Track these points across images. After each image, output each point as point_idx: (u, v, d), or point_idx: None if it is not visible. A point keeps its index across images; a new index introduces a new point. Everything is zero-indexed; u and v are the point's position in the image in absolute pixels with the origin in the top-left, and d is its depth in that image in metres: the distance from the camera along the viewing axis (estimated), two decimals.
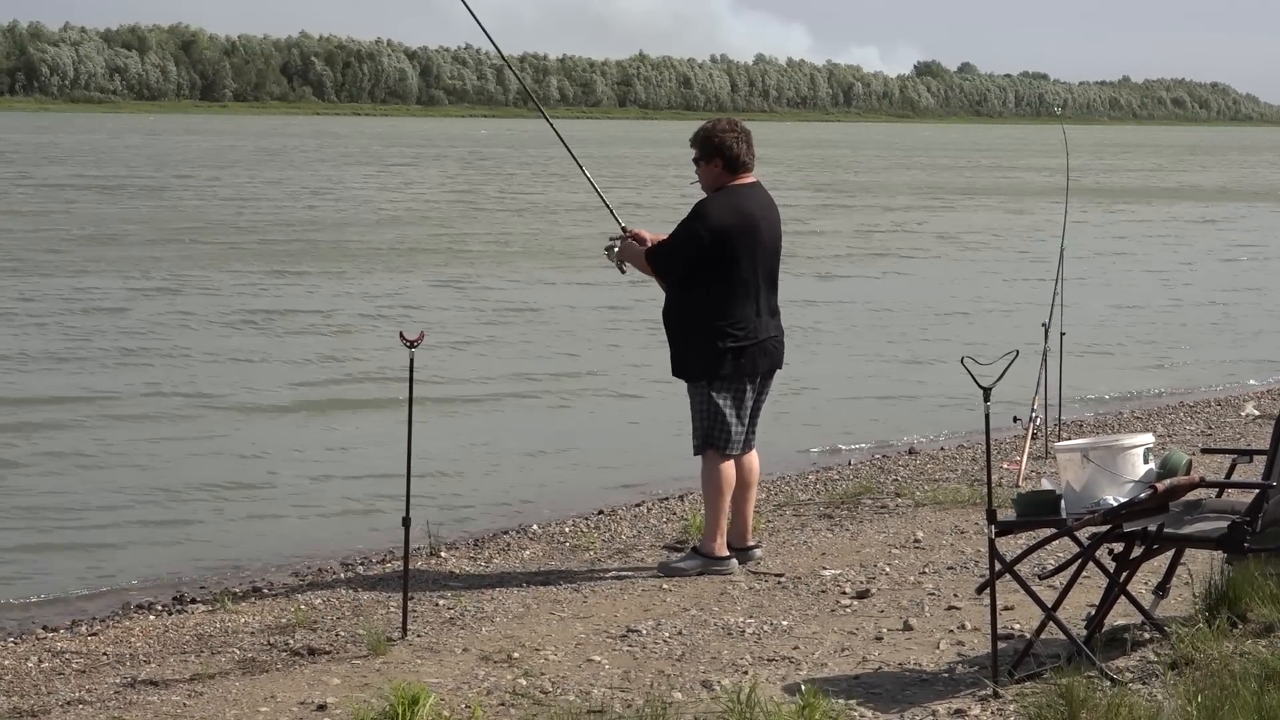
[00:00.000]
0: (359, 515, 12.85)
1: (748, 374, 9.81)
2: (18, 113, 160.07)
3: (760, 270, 9.80)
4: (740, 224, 9.72)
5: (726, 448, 9.80)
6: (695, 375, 9.81)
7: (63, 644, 9.09)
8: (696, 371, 9.80)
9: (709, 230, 9.69)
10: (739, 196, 9.82)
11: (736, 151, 9.82)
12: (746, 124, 10.15)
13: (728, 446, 9.80)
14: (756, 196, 9.90)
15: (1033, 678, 7.39)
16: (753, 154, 9.91)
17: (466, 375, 19.34)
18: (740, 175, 9.89)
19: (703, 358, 9.74)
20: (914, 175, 76.55)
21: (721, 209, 9.76)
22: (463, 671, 8.02)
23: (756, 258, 9.76)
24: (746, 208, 9.79)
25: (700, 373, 9.78)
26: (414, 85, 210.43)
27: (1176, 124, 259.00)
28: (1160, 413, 17.24)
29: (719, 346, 9.69)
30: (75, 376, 18.73)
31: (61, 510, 12.96)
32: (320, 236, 37.30)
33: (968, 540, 10.72)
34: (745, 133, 9.93)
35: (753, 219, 9.77)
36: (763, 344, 9.83)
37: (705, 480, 9.90)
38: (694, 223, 9.77)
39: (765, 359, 9.88)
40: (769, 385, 10.04)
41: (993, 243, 39.71)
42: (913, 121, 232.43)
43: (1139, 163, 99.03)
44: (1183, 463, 7.74)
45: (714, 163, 9.85)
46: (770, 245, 9.88)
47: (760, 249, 9.78)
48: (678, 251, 9.84)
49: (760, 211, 9.85)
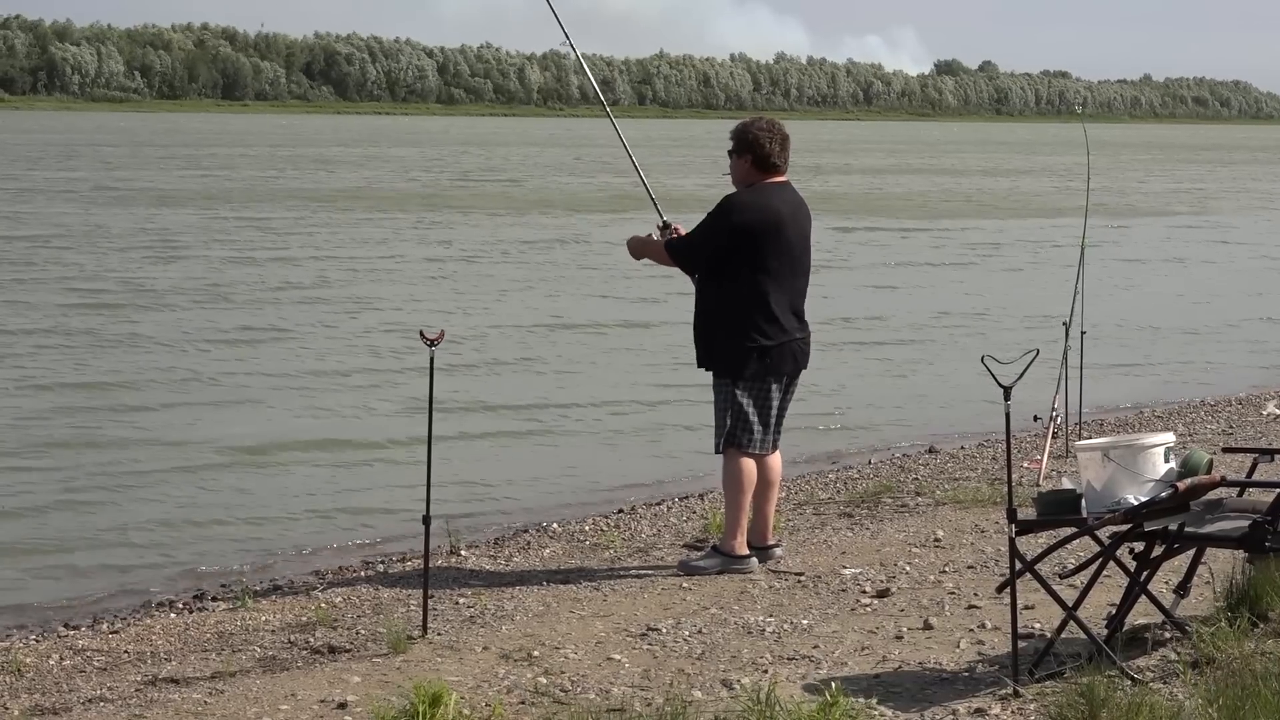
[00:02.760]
0: (379, 514, 12.86)
1: (773, 374, 9.78)
2: (40, 112, 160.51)
3: (786, 269, 9.77)
4: (764, 221, 9.69)
5: (749, 446, 9.79)
6: (721, 372, 9.82)
7: (84, 642, 9.11)
8: (722, 368, 9.81)
9: (731, 225, 9.69)
10: (764, 193, 9.80)
11: (768, 150, 9.79)
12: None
13: (750, 445, 9.79)
14: (783, 195, 9.86)
15: (1053, 677, 7.38)
16: (786, 156, 9.87)
17: (486, 373, 19.35)
18: (770, 174, 9.86)
19: (728, 355, 9.74)
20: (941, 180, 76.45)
21: (745, 205, 9.75)
22: (483, 670, 8.02)
23: (782, 256, 9.74)
24: (771, 205, 9.76)
25: (725, 370, 9.78)
26: (434, 84, 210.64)
27: (1198, 122, 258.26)
28: (1181, 412, 17.20)
29: (745, 345, 9.68)
30: (92, 370, 18.76)
31: (82, 508, 12.98)
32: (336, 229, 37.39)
33: (988, 539, 10.71)
34: (782, 135, 9.88)
35: (777, 216, 9.74)
36: (789, 344, 9.81)
37: (726, 478, 9.90)
38: (717, 217, 9.77)
39: (791, 360, 9.86)
40: (794, 387, 10.00)
41: (1015, 242, 39.64)
42: (933, 120, 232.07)
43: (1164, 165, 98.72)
44: (1204, 462, 7.72)
45: (745, 158, 9.85)
46: (797, 245, 9.83)
47: (786, 247, 9.75)
48: (698, 246, 9.85)
49: (786, 210, 9.81)
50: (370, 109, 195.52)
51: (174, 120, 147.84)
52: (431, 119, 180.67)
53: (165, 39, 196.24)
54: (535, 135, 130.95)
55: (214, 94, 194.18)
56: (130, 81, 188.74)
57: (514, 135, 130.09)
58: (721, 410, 9.80)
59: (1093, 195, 15.20)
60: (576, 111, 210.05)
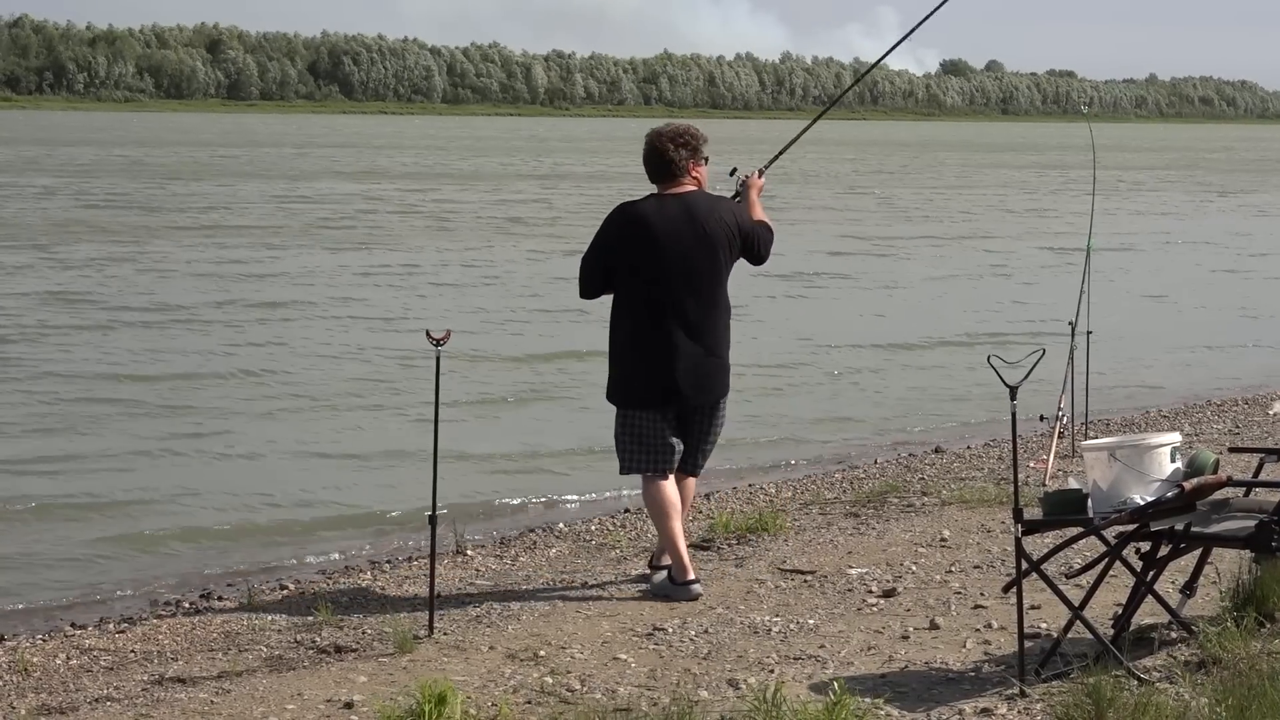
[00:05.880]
0: (385, 514, 12.87)
1: (656, 403, 9.31)
2: (47, 110, 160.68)
3: (675, 288, 9.23)
4: (638, 234, 9.25)
5: (645, 470, 9.42)
6: (608, 395, 9.51)
7: (91, 641, 9.12)
8: (609, 392, 9.51)
9: (602, 239, 9.37)
10: (644, 204, 9.39)
11: (653, 162, 9.41)
12: (771, 122, 10.05)
13: (646, 469, 9.41)
14: (672, 205, 9.30)
15: (1059, 677, 7.39)
16: (673, 162, 9.31)
17: (492, 372, 19.36)
18: (664, 183, 9.38)
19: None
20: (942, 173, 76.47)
21: (619, 217, 9.39)
22: (489, 669, 8.03)
23: (658, 274, 9.21)
24: (643, 215, 9.29)
25: (609, 393, 9.49)
26: (439, 84, 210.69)
27: (1204, 122, 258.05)
28: (1187, 411, 17.19)
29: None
30: (101, 373, 18.78)
31: (88, 508, 13.00)
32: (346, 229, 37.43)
33: (994, 539, 10.71)
34: (671, 139, 9.37)
35: (646, 227, 9.25)
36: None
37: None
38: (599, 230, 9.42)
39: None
40: (707, 416, 9.49)
41: (1025, 240, 39.65)
42: (939, 120, 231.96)
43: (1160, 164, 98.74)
44: (1210, 461, 7.72)
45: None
46: (679, 262, 9.21)
47: (660, 265, 9.21)
48: (585, 261, 9.46)
49: (659, 221, 9.24)
50: (375, 109, 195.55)
51: (180, 120, 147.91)
52: (439, 119, 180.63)
53: (170, 39, 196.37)
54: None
55: (219, 94, 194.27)
56: (139, 83, 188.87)
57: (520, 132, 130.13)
58: (615, 434, 9.54)
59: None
60: (582, 111, 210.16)
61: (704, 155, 9.50)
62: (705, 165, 9.53)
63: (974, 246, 37.82)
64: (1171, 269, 34.00)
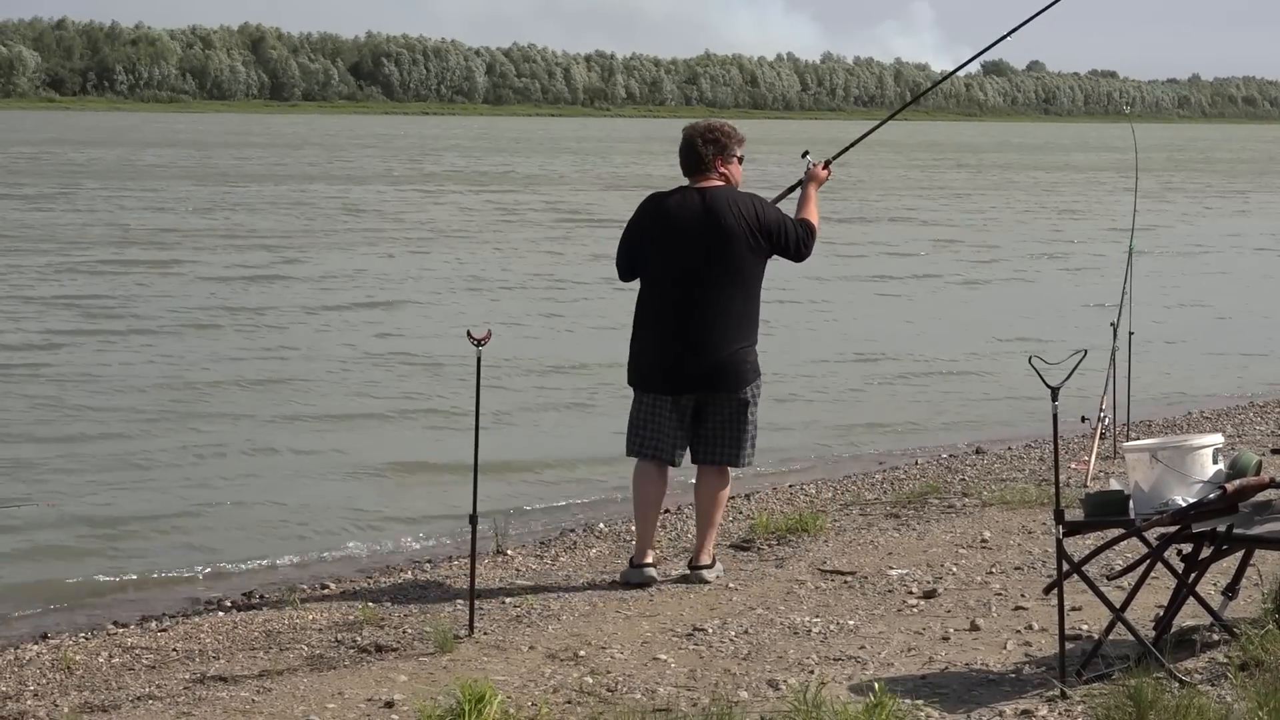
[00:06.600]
0: (426, 514, 12.89)
1: (655, 387, 9.66)
2: (91, 111, 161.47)
3: (678, 278, 9.43)
4: (657, 223, 9.53)
5: (638, 454, 9.78)
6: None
7: (133, 640, 9.16)
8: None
9: (629, 225, 9.66)
10: (666, 196, 9.62)
11: (684, 156, 9.61)
12: (813, 122, 10.08)
13: (639, 452, 9.78)
14: (694, 198, 9.47)
15: (1100, 679, 7.36)
16: (700, 156, 9.50)
17: (532, 373, 19.37)
18: (693, 177, 9.58)
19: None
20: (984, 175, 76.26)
21: (646, 205, 9.68)
22: (529, 669, 8.04)
23: (670, 262, 9.44)
24: (660, 208, 9.57)
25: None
26: (481, 84, 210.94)
27: (1246, 122, 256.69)
28: (1229, 413, 17.12)
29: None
30: (133, 372, 18.86)
31: (131, 509, 13.05)
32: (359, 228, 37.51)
33: (1035, 540, 10.68)
34: (701, 134, 9.55)
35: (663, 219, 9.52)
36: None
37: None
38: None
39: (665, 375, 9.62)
40: (725, 408, 9.61)
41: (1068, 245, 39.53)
42: (979, 120, 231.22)
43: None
44: (1252, 463, 7.69)
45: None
46: (690, 252, 9.39)
47: (672, 254, 9.43)
48: (618, 246, 9.79)
49: (675, 212, 9.46)
50: (418, 109, 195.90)
51: (222, 120, 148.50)
52: (478, 119, 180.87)
53: (212, 39, 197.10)
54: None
55: (262, 95, 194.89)
56: (182, 84, 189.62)
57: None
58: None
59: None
60: (623, 111, 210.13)
61: (736, 154, 9.63)
62: (739, 164, 9.66)
63: (1022, 252, 37.72)
64: (1213, 270, 33.86)
